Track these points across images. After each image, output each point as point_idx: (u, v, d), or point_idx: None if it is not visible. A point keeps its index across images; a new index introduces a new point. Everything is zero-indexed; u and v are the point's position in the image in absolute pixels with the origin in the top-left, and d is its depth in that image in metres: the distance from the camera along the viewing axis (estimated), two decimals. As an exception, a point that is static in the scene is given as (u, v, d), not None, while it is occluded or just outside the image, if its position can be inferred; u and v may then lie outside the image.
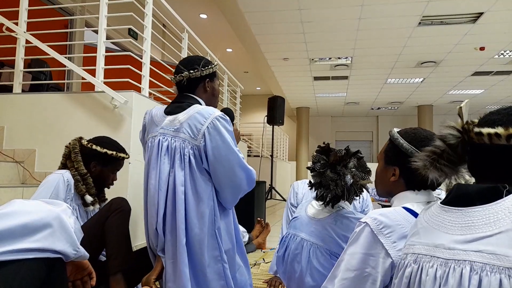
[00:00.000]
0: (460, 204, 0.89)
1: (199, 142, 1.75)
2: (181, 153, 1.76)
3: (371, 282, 1.11)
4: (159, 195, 1.77)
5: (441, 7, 6.27)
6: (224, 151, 1.76)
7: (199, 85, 1.95)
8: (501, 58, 8.63)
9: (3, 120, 3.19)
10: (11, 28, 3.32)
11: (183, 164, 1.75)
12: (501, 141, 0.86)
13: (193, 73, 1.91)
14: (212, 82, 2.00)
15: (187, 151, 1.76)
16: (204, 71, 1.92)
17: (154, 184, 1.79)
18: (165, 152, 1.79)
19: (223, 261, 1.76)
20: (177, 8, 4.49)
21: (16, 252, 1.02)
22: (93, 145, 2.16)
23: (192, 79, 1.92)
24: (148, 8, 3.43)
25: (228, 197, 1.84)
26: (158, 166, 1.79)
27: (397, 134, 1.32)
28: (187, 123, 1.78)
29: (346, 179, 1.77)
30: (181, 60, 2.01)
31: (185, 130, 1.77)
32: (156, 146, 1.82)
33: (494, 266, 0.77)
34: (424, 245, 0.93)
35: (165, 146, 1.79)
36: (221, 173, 1.77)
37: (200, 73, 1.91)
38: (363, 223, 1.16)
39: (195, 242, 1.73)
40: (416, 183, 1.26)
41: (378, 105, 14.53)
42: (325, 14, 6.65)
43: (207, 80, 1.97)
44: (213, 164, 1.76)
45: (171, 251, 1.75)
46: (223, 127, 1.79)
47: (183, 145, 1.76)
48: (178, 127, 1.79)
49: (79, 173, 2.10)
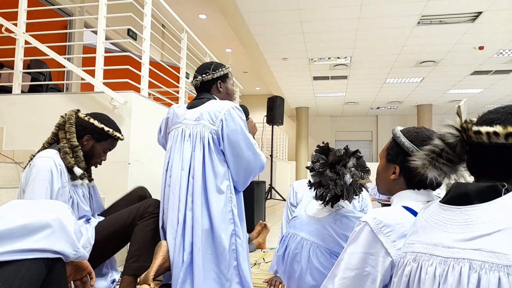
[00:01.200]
0: (459, 202, 0.90)
1: (217, 127, 2.01)
2: (201, 137, 2.01)
3: (371, 281, 1.11)
4: (182, 174, 1.98)
5: (440, 7, 6.28)
6: (238, 135, 2.01)
7: (212, 86, 2.23)
8: (500, 57, 8.63)
9: (3, 121, 3.19)
10: (10, 29, 3.32)
11: (202, 145, 2.00)
12: (499, 140, 0.86)
13: (205, 77, 2.19)
14: (224, 82, 2.26)
15: (206, 134, 2.01)
16: (215, 74, 2.20)
17: (178, 165, 2.01)
18: (188, 138, 2.03)
19: (237, 235, 1.97)
20: (176, 9, 4.50)
21: (16, 252, 1.02)
22: (90, 118, 2.11)
23: (205, 82, 2.20)
24: (147, 8, 3.43)
25: (240, 178, 2.07)
26: (181, 149, 2.03)
27: (400, 132, 1.32)
28: (206, 112, 2.04)
29: (346, 178, 1.77)
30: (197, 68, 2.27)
31: (205, 118, 2.03)
32: (179, 134, 2.07)
33: (493, 264, 0.77)
34: (423, 243, 0.93)
35: (187, 133, 2.04)
36: (234, 154, 2.02)
37: (211, 76, 2.20)
38: (362, 222, 1.16)
39: (214, 217, 1.92)
40: (416, 182, 1.26)
41: (378, 105, 14.53)
42: (324, 14, 6.65)
43: (219, 81, 2.23)
44: (228, 146, 2.00)
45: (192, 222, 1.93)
46: (237, 114, 2.05)
47: (203, 129, 2.02)
48: (199, 117, 2.05)
49: (70, 144, 2.00)
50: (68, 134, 2.02)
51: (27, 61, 4.06)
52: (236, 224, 1.98)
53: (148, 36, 3.38)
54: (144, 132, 3.05)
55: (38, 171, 1.87)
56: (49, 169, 1.89)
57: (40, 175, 1.86)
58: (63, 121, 2.08)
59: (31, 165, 1.90)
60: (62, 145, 1.99)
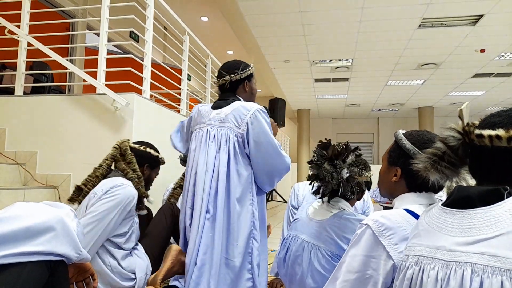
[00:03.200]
0: (461, 206, 0.89)
1: (243, 130, 1.99)
2: (227, 139, 2.00)
3: (372, 284, 1.11)
4: (206, 176, 1.97)
5: (441, 10, 6.27)
6: (263, 137, 1.99)
7: (239, 86, 2.21)
8: (502, 60, 8.62)
9: (5, 122, 3.20)
10: (13, 30, 3.33)
11: (227, 148, 1.99)
12: (502, 143, 0.86)
13: (234, 77, 2.16)
14: (250, 82, 2.26)
15: (232, 137, 2.00)
16: (243, 73, 2.19)
17: (202, 166, 2.00)
18: (212, 139, 2.02)
19: (255, 239, 1.95)
20: (178, 11, 4.51)
21: (19, 255, 1.02)
22: (146, 148, 2.25)
23: (233, 82, 2.17)
24: (150, 11, 3.44)
25: (265, 179, 2.05)
26: (206, 151, 2.02)
27: (402, 135, 1.32)
28: (232, 115, 2.03)
29: (342, 172, 1.77)
30: (223, 65, 2.24)
31: (230, 120, 2.02)
32: (204, 135, 2.05)
33: (495, 268, 0.76)
34: (425, 247, 0.93)
35: (212, 135, 2.03)
36: (260, 157, 2.00)
37: (239, 76, 2.17)
38: (364, 225, 1.16)
39: (235, 218, 1.91)
40: (418, 185, 1.26)
41: (379, 107, 14.51)
42: (325, 16, 6.65)
43: (246, 81, 2.22)
44: (253, 149, 1.99)
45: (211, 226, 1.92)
46: (263, 118, 2.03)
47: (228, 132, 2.01)
48: (224, 118, 2.04)
49: (136, 174, 2.13)
50: (132, 165, 2.14)
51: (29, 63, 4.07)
52: (255, 227, 1.97)
53: (150, 38, 3.39)
54: (146, 134, 3.05)
55: (117, 194, 1.94)
56: (132, 195, 2.00)
57: (121, 197, 1.94)
58: (119, 152, 2.17)
59: (109, 193, 1.93)
60: (131, 176, 2.10)
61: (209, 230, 1.92)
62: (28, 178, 3.08)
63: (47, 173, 3.05)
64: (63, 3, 5.79)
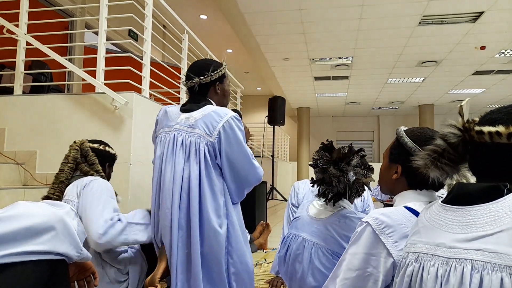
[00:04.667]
0: (461, 202, 0.89)
1: (214, 139, 1.85)
2: (196, 148, 1.84)
3: (372, 282, 1.11)
4: (174, 188, 1.83)
5: (441, 7, 6.27)
6: (236, 148, 1.87)
7: (210, 88, 2.04)
8: (502, 57, 8.62)
9: (4, 122, 3.20)
10: (11, 30, 3.32)
11: (198, 158, 1.84)
12: (501, 140, 0.86)
13: (203, 79, 1.99)
14: (222, 84, 2.08)
15: (202, 146, 1.84)
16: (214, 75, 2.01)
17: (169, 177, 1.86)
18: (180, 146, 1.86)
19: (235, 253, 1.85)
20: (177, 9, 4.50)
21: (20, 254, 1.02)
22: (105, 147, 2.21)
23: (203, 85, 2.01)
24: (148, 9, 3.43)
25: (235, 191, 1.93)
26: (173, 159, 1.87)
27: (403, 132, 1.32)
28: (202, 121, 1.87)
29: (349, 176, 1.76)
30: (191, 66, 2.06)
31: (201, 127, 1.86)
32: (171, 140, 1.90)
33: (495, 265, 0.76)
34: (425, 244, 0.93)
35: (179, 141, 1.87)
36: (232, 169, 1.88)
37: (210, 78, 2.00)
38: (364, 222, 1.16)
39: (211, 235, 1.80)
40: (418, 182, 1.26)
41: (379, 105, 14.51)
42: (325, 14, 6.65)
43: (217, 83, 2.05)
44: (225, 160, 1.86)
45: (186, 242, 1.81)
46: (237, 126, 1.89)
47: (198, 140, 1.85)
48: (193, 124, 1.88)
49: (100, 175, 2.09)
50: (95, 166, 2.10)
51: (28, 62, 4.07)
52: (230, 243, 1.85)
53: (149, 36, 3.38)
54: (145, 133, 3.05)
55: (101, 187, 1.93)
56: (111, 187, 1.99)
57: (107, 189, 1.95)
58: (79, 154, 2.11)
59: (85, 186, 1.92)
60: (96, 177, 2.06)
61: (184, 247, 1.81)
62: (27, 177, 3.08)
63: (46, 172, 3.04)
64: (62, 2, 5.79)
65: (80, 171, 2.09)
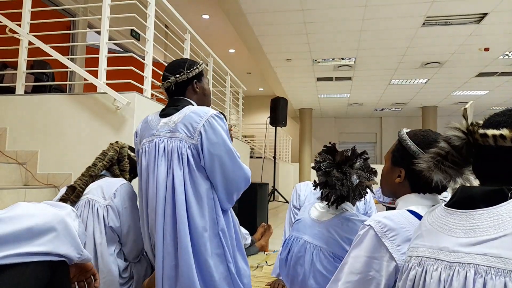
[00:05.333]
0: (464, 206, 0.89)
1: (196, 141, 1.76)
2: (179, 153, 1.75)
3: (374, 286, 1.10)
4: (158, 198, 1.76)
5: (445, 8, 6.25)
6: (220, 148, 1.77)
7: (188, 87, 1.96)
8: (506, 59, 8.59)
9: (6, 121, 3.20)
10: (14, 29, 3.33)
11: (181, 163, 1.75)
12: (506, 143, 0.85)
13: (179, 77, 1.92)
14: (200, 82, 2.00)
15: (184, 150, 1.75)
16: (190, 73, 1.93)
17: (152, 188, 1.79)
18: (162, 154, 1.78)
19: (228, 261, 1.76)
20: (179, 9, 4.50)
21: (21, 255, 1.03)
22: None
23: (180, 83, 1.93)
24: (151, 9, 3.43)
25: (223, 196, 1.83)
26: (155, 169, 1.78)
27: (406, 135, 1.30)
28: (182, 123, 1.78)
29: (352, 179, 1.75)
30: (167, 66, 2.00)
31: (181, 130, 1.77)
32: (153, 149, 1.81)
33: (498, 269, 0.76)
34: (428, 248, 0.92)
35: (161, 148, 1.78)
36: (216, 171, 1.78)
37: (186, 76, 1.92)
38: (367, 226, 1.15)
39: (200, 243, 1.71)
40: (421, 186, 1.24)
41: (382, 106, 14.49)
42: (328, 14, 6.64)
43: (194, 81, 1.97)
44: (208, 161, 1.76)
45: (173, 253, 1.72)
46: (219, 125, 1.80)
47: (180, 145, 1.76)
48: (174, 128, 1.79)
49: None
50: (125, 173, 2.20)
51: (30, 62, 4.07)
52: (224, 248, 1.76)
53: (151, 36, 3.38)
54: (147, 133, 3.04)
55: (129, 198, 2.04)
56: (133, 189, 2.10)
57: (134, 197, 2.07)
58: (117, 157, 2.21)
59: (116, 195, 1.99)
60: None
61: (171, 259, 1.72)
62: (29, 177, 3.08)
63: (48, 172, 3.04)
64: (64, 2, 5.79)
65: (111, 172, 2.18)
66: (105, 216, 1.92)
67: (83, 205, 1.95)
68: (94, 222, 1.91)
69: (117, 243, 1.97)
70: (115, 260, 1.93)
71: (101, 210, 1.92)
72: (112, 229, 1.93)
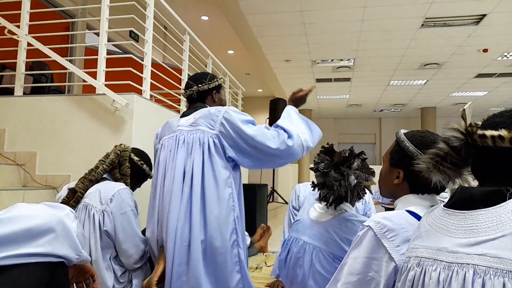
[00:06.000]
0: (463, 207, 0.89)
1: (217, 131, 1.90)
2: (200, 142, 1.90)
3: (374, 286, 1.10)
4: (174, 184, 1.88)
5: (444, 9, 6.26)
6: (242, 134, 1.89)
7: (208, 96, 2.18)
8: (505, 60, 8.60)
9: (5, 122, 3.19)
10: (13, 30, 3.32)
11: (201, 150, 1.88)
12: (504, 144, 0.85)
13: (201, 87, 2.14)
14: (218, 93, 2.22)
15: (206, 139, 1.89)
16: (211, 84, 2.16)
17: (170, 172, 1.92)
18: (182, 144, 1.93)
19: (239, 246, 1.86)
20: (178, 10, 4.50)
21: (19, 256, 1.02)
22: (144, 164, 2.28)
23: (201, 92, 2.15)
24: (150, 10, 3.43)
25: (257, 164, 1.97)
26: (175, 157, 1.92)
27: (404, 136, 1.30)
28: (202, 119, 1.95)
29: (350, 179, 1.75)
30: (190, 77, 2.22)
31: (202, 123, 1.93)
32: (173, 141, 1.98)
33: (497, 270, 0.76)
34: (427, 248, 0.92)
35: (181, 140, 1.94)
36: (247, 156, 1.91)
37: (207, 86, 2.15)
38: (366, 226, 1.14)
39: (214, 225, 1.80)
40: (420, 187, 1.25)
41: (381, 107, 14.50)
42: (327, 15, 6.65)
43: (214, 92, 2.19)
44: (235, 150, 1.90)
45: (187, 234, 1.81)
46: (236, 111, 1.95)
47: (202, 135, 1.91)
48: (194, 122, 1.96)
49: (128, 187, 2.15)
50: (125, 178, 2.18)
51: (29, 63, 4.07)
52: (238, 235, 1.86)
53: (150, 38, 3.38)
54: (146, 134, 3.04)
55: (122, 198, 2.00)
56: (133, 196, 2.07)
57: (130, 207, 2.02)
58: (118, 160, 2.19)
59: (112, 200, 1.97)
60: None
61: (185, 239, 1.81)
62: (27, 179, 3.07)
63: (46, 174, 3.04)
64: (63, 3, 5.79)
65: (112, 176, 2.17)
66: (101, 221, 1.91)
67: (80, 209, 1.95)
68: (90, 227, 1.90)
69: (113, 248, 1.96)
70: (110, 267, 1.92)
71: (97, 215, 1.92)
72: (107, 234, 1.92)
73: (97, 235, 1.90)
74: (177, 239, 1.81)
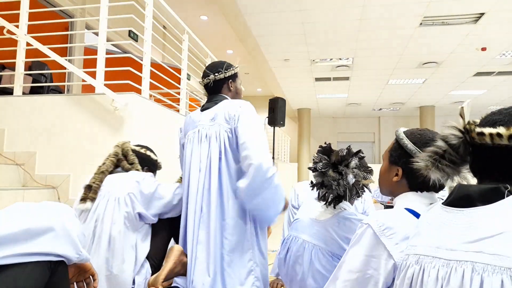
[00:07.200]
0: (461, 204, 0.89)
1: (232, 125, 1.98)
2: (217, 135, 2.01)
3: (373, 284, 1.10)
4: (200, 175, 1.99)
5: (442, 8, 6.26)
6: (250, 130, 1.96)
7: (224, 85, 2.21)
8: (503, 58, 8.61)
9: (4, 122, 3.19)
10: (12, 30, 3.32)
11: (218, 144, 1.99)
12: (502, 141, 0.85)
13: (218, 75, 2.18)
14: (234, 82, 2.26)
15: (222, 133, 2.00)
16: (227, 72, 2.20)
17: (196, 166, 2.02)
18: (204, 139, 2.04)
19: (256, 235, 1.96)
20: (177, 10, 4.50)
21: (19, 255, 1.02)
22: (147, 151, 2.32)
23: (217, 81, 2.19)
24: (149, 10, 3.43)
25: None
26: (199, 151, 2.03)
27: (403, 134, 1.31)
28: (221, 112, 2.03)
29: (348, 178, 1.76)
30: (207, 65, 2.26)
31: (220, 117, 2.02)
32: (196, 136, 2.07)
33: (495, 267, 0.76)
34: (426, 246, 0.92)
35: (204, 134, 2.04)
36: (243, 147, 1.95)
37: (223, 75, 2.19)
38: (365, 224, 1.15)
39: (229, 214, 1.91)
40: (419, 185, 1.25)
41: (380, 106, 14.51)
42: (326, 15, 6.65)
43: (230, 80, 2.23)
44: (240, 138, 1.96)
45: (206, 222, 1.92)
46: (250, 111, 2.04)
47: (218, 129, 2.01)
48: (214, 117, 2.05)
49: None
50: (135, 165, 2.21)
51: (28, 63, 4.06)
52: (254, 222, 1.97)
53: (149, 37, 3.38)
54: (145, 134, 3.04)
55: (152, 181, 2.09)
56: None
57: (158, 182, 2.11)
58: (121, 152, 2.22)
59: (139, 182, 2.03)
60: None
61: (203, 227, 1.92)
62: (27, 178, 3.07)
63: (46, 173, 3.04)
64: (62, 3, 5.78)
65: (122, 168, 2.19)
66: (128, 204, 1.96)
67: (103, 195, 1.98)
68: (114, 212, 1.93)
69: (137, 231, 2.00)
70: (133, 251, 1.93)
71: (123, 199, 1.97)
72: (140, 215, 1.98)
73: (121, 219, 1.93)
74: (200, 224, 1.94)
